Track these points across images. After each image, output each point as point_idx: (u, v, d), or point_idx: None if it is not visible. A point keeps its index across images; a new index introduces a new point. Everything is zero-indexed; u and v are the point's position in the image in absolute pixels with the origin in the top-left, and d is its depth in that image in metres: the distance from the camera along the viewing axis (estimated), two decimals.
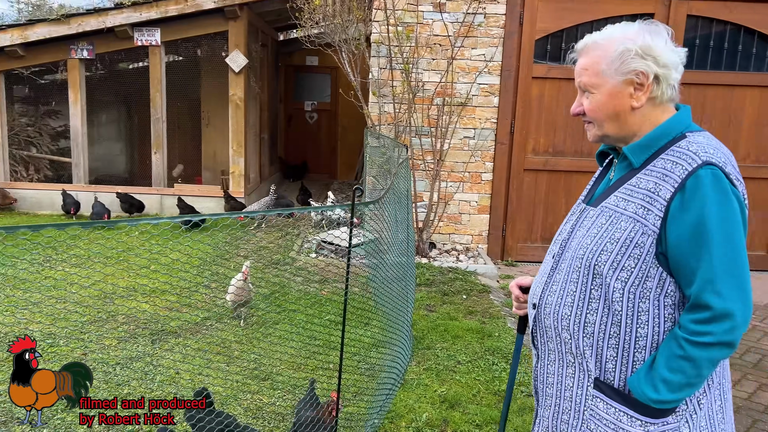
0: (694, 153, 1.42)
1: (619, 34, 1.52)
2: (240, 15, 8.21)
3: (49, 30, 7.99)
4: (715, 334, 1.35)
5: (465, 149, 6.70)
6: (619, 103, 1.51)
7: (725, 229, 1.36)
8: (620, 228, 1.46)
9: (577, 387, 1.56)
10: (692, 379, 1.40)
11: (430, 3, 6.44)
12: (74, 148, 8.60)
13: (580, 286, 1.52)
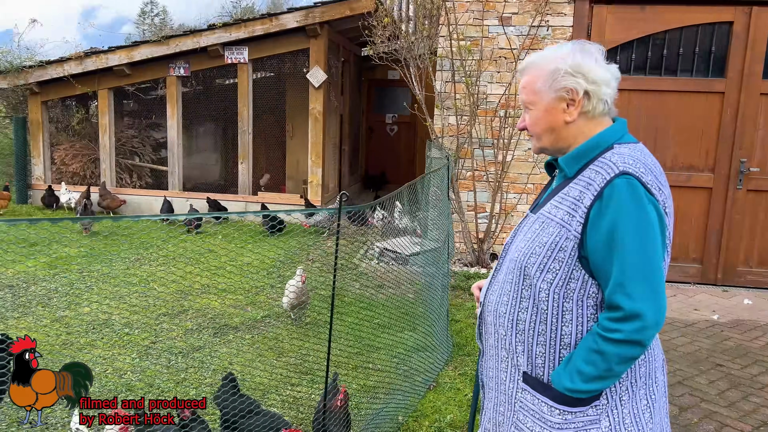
0: (614, 163, 1.52)
1: (552, 54, 1.65)
2: (320, 33, 8.67)
3: (151, 50, 8.84)
4: (624, 332, 1.44)
5: (529, 161, 6.70)
6: (553, 118, 1.64)
7: (637, 235, 1.44)
8: (548, 233, 1.57)
9: (509, 381, 1.68)
10: (603, 372, 1.48)
11: (495, 17, 6.53)
12: (170, 158, 9.41)
13: (513, 286, 1.64)
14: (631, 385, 1.56)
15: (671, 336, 4.99)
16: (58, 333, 4.61)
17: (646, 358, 1.58)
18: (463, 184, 6.75)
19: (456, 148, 6.61)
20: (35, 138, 9.57)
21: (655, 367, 1.61)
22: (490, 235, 6.62)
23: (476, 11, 6.56)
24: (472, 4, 6.55)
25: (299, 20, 8.52)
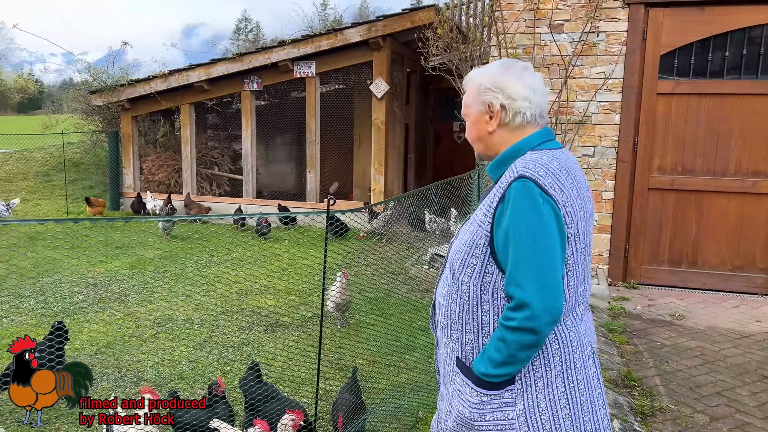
0: (516, 168, 1.67)
1: (482, 72, 1.82)
2: (383, 46, 8.98)
3: (226, 67, 9.49)
4: (516, 320, 1.59)
5: (584, 167, 6.64)
6: (480, 128, 1.82)
7: (528, 232, 1.58)
8: (469, 232, 1.75)
9: (449, 365, 1.84)
10: (507, 358, 1.62)
11: (547, 25, 6.55)
12: (245, 168, 10.01)
13: (448, 281, 1.81)
14: (545, 372, 1.68)
15: (722, 347, 4.83)
16: (128, 326, 5.12)
17: (560, 348, 1.69)
18: None
19: None
20: (126, 150, 10.49)
21: (574, 358, 1.71)
22: None
23: (528, 19, 6.60)
24: (524, 13, 6.60)
25: (362, 34, 8.87)
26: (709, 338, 5.02)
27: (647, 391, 4.03)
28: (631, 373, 4.25)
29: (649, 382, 4.17)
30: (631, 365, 4.46)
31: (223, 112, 11.09)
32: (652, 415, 3.73)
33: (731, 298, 6.15)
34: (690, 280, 6.46)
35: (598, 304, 5.78)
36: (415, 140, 11.38)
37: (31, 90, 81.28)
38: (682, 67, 6.29)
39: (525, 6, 6.59)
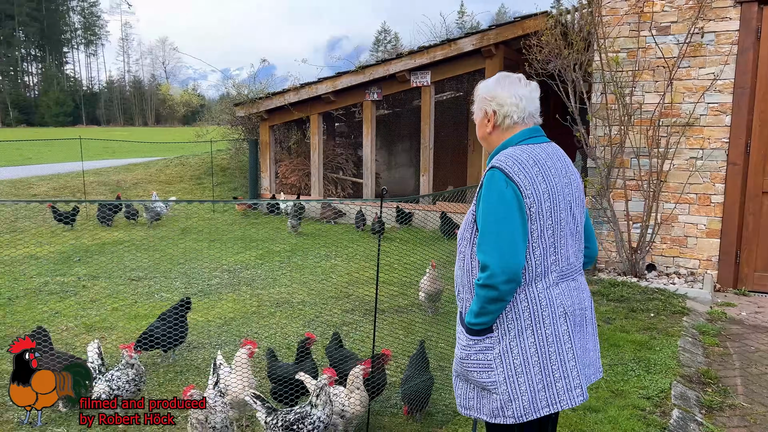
0: (492, 161, 2.09)
1: (484, 85, 2.24)
2: (495, 53, 9.29)
3: (350, 80, 10.31)
4: (482, 279, 2.00)
5: (690, 170, 6.53)
6: (482, 130, 2.25)
7: (489, 210, 2.00)
8: (467, 215, 2.20)
9: (458, 316, 2.26)
10: (480, 309, 2.04)
11: (653, 27, 6.54)
12: (365, 172, 10.78)
13: (458, 252, 2.24)
14: (516, 324, 2.04)
15: None
16: (252, 305, 5.96)
17: (529, 306, 2.03)
18: (617, 193, 6.81)
19: (610, 157, 6.72)
20: (264, 156, 11.72)
21: (543, 316, 2.04)
22: (644, 245, 6.59)
23: (632, 23, 6.64)
24: (628, 17, 6.65)
25: (475, 43, 9.25)
26: None
27: (723, 389, 4.06)
28: (709, 372, 4.28)
29: (728, 382, 4.18)
30: (714, 365, 4.46)
31: (348, 121, 11.97)
32: (720, 409, 3.78)
33: None
34: None
35: (696, 308, 5.71)
36: None
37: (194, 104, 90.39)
38: None
39: (629, 10, 6.64)
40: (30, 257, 7.85)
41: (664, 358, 4.44)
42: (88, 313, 5.62)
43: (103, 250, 8.38)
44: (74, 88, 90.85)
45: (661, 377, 4.10)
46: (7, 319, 5.45)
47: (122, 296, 6.18)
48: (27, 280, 6.73)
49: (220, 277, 6.98)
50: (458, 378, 2.23)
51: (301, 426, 2.93)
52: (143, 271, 7.22)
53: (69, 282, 6.68)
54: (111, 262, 7.61)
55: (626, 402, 3.77)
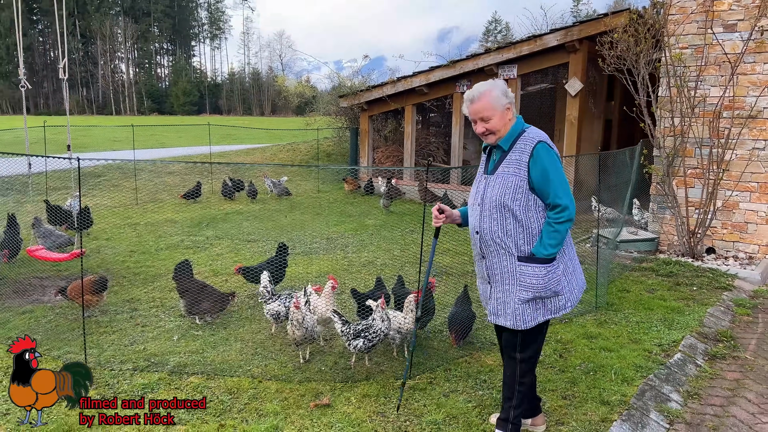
0: (533, 137, 2.91)
1: (491, 86, 3.01)
2: (579, 48, 9.86)
3: (442, 73, 11.25)
4: (563, 217, 2.85)
5: (752, 160, 6.90)
6: (505, 120, 2.98)
7: (556, 171, 2.85)
8: (510, 181, 2.90)
9: (510, 264, 2.97)
10: (560, 241, 2.87)
11: (720, 25, 6.96)
12: (452, 158, 11.70)
13: (499, 215, 2.94)
14: (565, 247, 3.00)
15: None
16: (344, 265, 7.13)
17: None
18: (679, 180, 7.30)
19: (674, 147, 7.22)
20: (363, 143, 12.95)
21: (569, 237, 3.03)
22: (703, 229, 7.05)
23: (700, 21, 7.08)
24: (696, 15, 7.10)
25: (559, 39, 9.87)
26: None
27: (734, 345, 4.67)
28: (727, 332, 4.88)
29: (742, 341, 4.77)
30: (736, 329, 5.04)
31: (441, 112, 12.90)
32: (723, 358, 4.43)
33: None
34: None
35: (742, 286, 6.19)
36: (618, 135, 11.87)
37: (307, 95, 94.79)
38: None
39: (697, 8, 7.09)
40: (169, 221, 9.55)
41: (689, 320, 5.08)
42: (215, 263, 7.04)
43: (226, 218, 9.96)
44: (200, 79, 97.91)
45: (678, 332, 4.77)
46: (156, 263, 6.99)
47: (241, 253, 7.58)
48: (168, 238, 8.35)
49: (319, 243, 8.24)
50: (527, 303, 2.94)
51: (366, 333, 4.01)
52: (258, 235, 8.64)
53: (200, 240, 8.22)
54: (232, 228, 9.12)
55: (639, 347, 4.52)
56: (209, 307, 4.93)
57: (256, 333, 4.81)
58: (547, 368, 4.14)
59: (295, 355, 4.34)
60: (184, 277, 5.08)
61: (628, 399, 3.66)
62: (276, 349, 4.46)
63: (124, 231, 8.71)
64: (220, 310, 5.01)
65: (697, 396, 3.84)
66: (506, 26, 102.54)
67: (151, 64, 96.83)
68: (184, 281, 5.03)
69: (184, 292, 4.96)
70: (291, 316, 4.10)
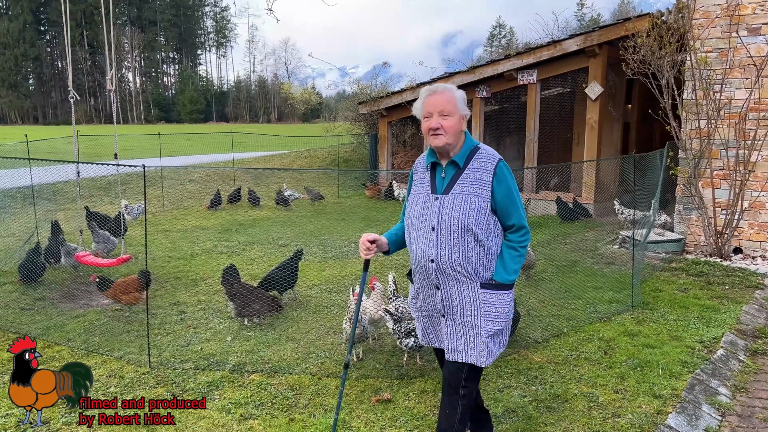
0: (492, 155, 2.70)
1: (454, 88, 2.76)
2: (599, 53, 10.01)
3: (462, 78, 11.41)
4: (527, 239, 2.73)
5: None
6: (461, 126, 2.70)
7: (517, 191, 2.70)
8: (471, 202, 2.63)
9: (472, 291, 2.68)
10: (520, 264, 2.72)
11: (745, 29, 7.09)
12: None
13: (461, 240, 2.63)
14: None
15: None
16: (376, 267, 7.27)
17: None
18: (705, 182, 7.41)
19: (700, 149, 7.34)
20: (382, 148, 13.11)
21: None
22: (731, 229, 7.17)
23: (724, 25, 7.22)
24: (720, 19, 7.23)
25: (579, 44, 10.02)
26: None
27: None
28: (765, 329, 5.00)
29: None
30: None
31: None
32: (764, 354, 4.55)
33: None
34: None
35: None
36: (636, 138, 11.99)
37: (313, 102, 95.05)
38: None
39: (721, 12, 7.22)
40: (198, 228, 9.72)
41: (725, 318, 5.20)
42: (251, 267, 7.20)
43: (254, 224, 10.12)
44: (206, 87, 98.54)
45: (717, 329, 4.89)
46: (193, 268, 7.15)
47: (274, 257, 7.73)
48: (201, 243, 8.51)
49: (347, 247, 8.38)
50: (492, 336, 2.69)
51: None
52: (287, 240, 8.79)
53: (233, 245, 8.38)
54: (261, 233, 9.28)
55: (681, 343, 4.63)
56: (259, 308, 5.07)
57: (306, 333, 4.95)
58: (595, 364, 4.27)
59: None
60: (232, 280, 5.23)
61: (679, 392, 3.78)
62: (328, 348, 4.60)
63: (157, 237, 8.88)
64: (268, 311, 5.16)
65: (744, 390, 3.96)
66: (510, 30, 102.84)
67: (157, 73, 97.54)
68: (232, 285, 5.18)
69: (234, 296, 5.11)
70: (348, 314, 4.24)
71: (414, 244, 2.75)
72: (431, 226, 2.66)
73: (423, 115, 2.73)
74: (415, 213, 2.75)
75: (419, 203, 2.74)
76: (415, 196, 2.79)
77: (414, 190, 2.82)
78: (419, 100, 2.75)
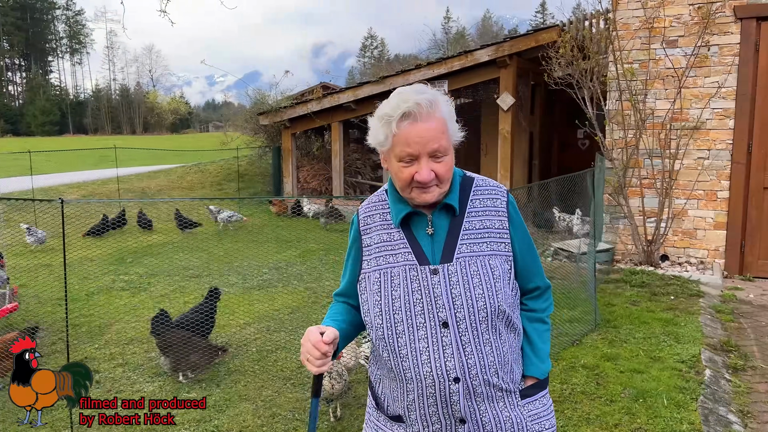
0: (496, 186, 1.70)
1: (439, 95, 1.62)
2: (510, 63, 9.99)
3: (371, 89, 10.97)
4: (551, 301, 1.80)
5: (698, 169, 7.24)
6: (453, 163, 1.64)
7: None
8: (493, 267, 1.60)
9: (513, 410, 1.66)
10: (549, 344, 1.78)
11: (661, 41, 7.27)
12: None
13: (492, 332, 1.60)
14: None
15: None
16: (309, 296, 6.56)
17: None
18: (632, 191, 7.51)
19: (626, 159, 7.42)
20: (286, 162, 12.32)
21: None
22: (660, 237, 7.29)
23: (643, 37, 7.36)
24: (640, 31, 7.37)
25: (490, 54, 9.95)
26: None
27: (743, 354, 4.74)
28: (730, 341, 4.96)
29: (746, 350, 4.86)
30: (733, 337, 5.15)
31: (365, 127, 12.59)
32: (743, 370, 4.47)
33: None
34: None
35: (710, 291, 6.41)
36: (539, 147, 12.21)
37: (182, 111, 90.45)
38: None
39: (641, 25, 7.35)
40: (85, 259, 8.39)
41: (689, 331, 5.12)
42: (165, 305, 6.18)
43: (152, 252, 8.94)
44: (60, 97, 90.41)
45: (690, 346, 4.77)
46: (94, 311, 6.01)
47: (188, 291, 6.76)
48: (94, 279, 7.28)
49: (270, 273, 7.58)
50: None
51: None
52: (198, 269, 7.79)
53: (134, 279, 7.24)
54: (164, 263, 8.17)
55: (664, 365, 4.44)
56: (199, 360, 4.22)
57: (260, 388, 4.18)
58: (595, 399, 3.92)
59: (322, 413, 3.78)
60: (164, 330, 4.32)
61: (698, 426, 3.51)
62: (294, 407, 3.87)
63: (39, 273, 7.50)
64: (210, 362, 4.31)
65: (750, 414, 3.79)
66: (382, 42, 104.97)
67: (1, 81, 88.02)
68: (165, 335, 4.27)
69: (168, 348, 4.21)
70: (330, 368, 3.56)
71: (411, 356, 1.59)
72: (440, 320, 1.57)
73: (398, 155, 1.59)
74: (396, 301, 1.60)
75: (399, 284, 1.60)
76: (383, 271, 1.63)
77: (371, 260, 1.67)
78: (381, 124, 1.61)
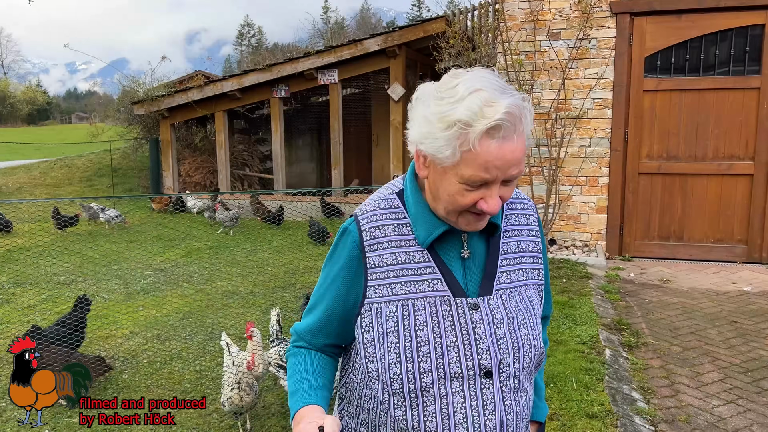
0: (526, 199, 1.44)
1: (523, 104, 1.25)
2: (399, 53, 9.96)
3: (257, 77, 10.49)
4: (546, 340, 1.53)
5: (581, 156, 7.60)
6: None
7: None
8: (532, 300, 1.35)
9: None
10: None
11: (546, 33, 7.52)
12: (275, 167, 11.01)
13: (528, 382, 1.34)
14: None
15: (699, 302, 5.78)
16: (202, 299, 6.11)
17: None
18: (522, 179, 7.74)
19: None
20: (165, 155, 11.51)
21: None
22: (548, 223, 7.58)
23: (529, 29, 7.57)
24: (525, 23, 7.57)
25: (380, 44, 9.85)
26: (689, 296, 5.98)
27: (634, 331, 5.00)
28: (621, 320, 5.22)
29: (636, 327, 5.13)
30: (622, 315, 5.43)
31: (251, 117, 12.08)
32: (637, 347, 4.70)
33: (713, 266, 7.09)
34: (677, 252, 7.41)
35: (596, 273, 6.75)
36: None
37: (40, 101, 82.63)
38: (664, 66, 7.24)
39: (526, 17, 7.56)
40: None
41: (585, 312, 5.32)
42: (33, 318, 5.48)
43: (12, 257, 7.95)
44: None
45: (588, 327, 4.95)
46: None
47: (60, 300, 6.05)
48: None
49: (155, 276, 6.99)
50: None
51: None
52: (69, 275, 7.02)
53: None
54: (29, 270, 7.28)
55: (567, 348, 4.56)
56: None
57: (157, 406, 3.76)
58: None
59: (228, 426, 3.46)
60: (41, 347, 3.75)
61: (608, 407, 3.60)
62: (201, 424, 3.51)
63: None
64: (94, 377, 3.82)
65: (650, 390, 3.97)
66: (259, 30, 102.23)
67: None
68: (43, 353, 3.71)
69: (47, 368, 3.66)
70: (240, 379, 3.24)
71: (441, 414, 1.22)
72: (483, 368, 1.23)
73: (468, 178, 1.19)
74: (423, 345, 1.22)
75: (426, 321, 1.23)
76: (402, 303, 1.24)
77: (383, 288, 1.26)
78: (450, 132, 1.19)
